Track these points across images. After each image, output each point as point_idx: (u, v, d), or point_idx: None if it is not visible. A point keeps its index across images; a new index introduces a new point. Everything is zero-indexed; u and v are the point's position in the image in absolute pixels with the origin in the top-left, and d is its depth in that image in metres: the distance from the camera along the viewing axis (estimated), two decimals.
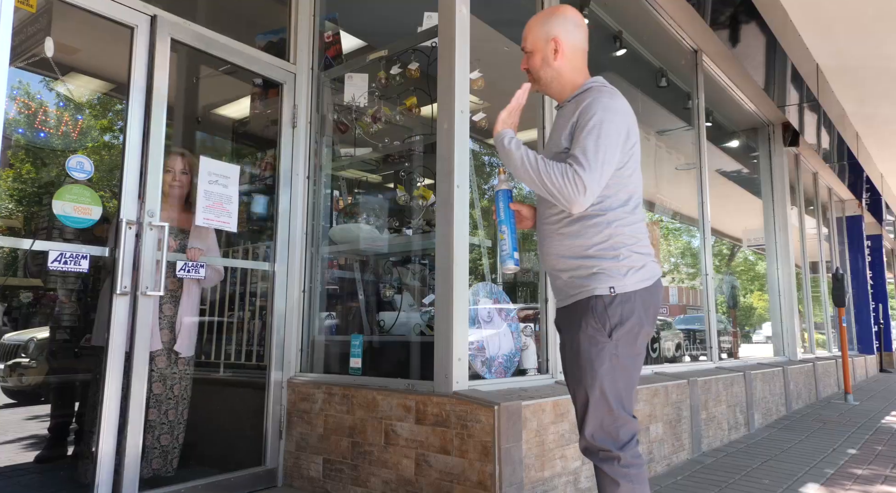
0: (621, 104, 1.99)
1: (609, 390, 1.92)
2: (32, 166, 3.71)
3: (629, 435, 1.95)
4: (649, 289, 2.01)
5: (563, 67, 2.08)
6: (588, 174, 1.84)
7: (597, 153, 1.86)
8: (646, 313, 1.98)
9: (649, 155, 6.51)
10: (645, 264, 2.01)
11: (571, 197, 1.86)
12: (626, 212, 1.99)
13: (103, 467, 2.64)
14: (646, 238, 2.07)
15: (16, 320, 6.43)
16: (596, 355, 1.93)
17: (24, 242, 2.75)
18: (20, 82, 3.12)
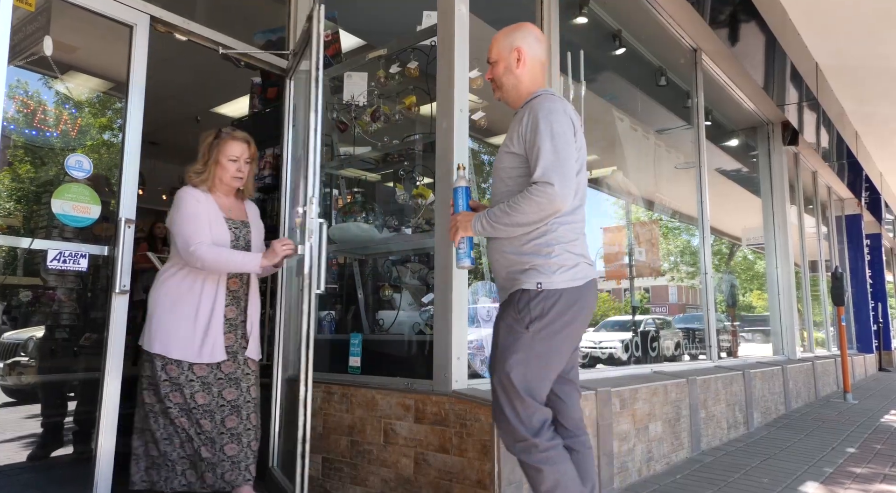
0: (563, 106, 2.09)
1: (517, 378, 2.00)
2: (31, 165, 3.71)
3: (541, 421, 2.02)
4: (579, 289, 2.05)
5: (523, 75, 2.23)
6: (557, 181, 1.92)
7: (555, 152, 1.96)
8: (570, 312, 2.03)
9: (648, 154, 6.52)
10: (577, 264, 2.07)
11: (549, 207, 1.95)
12: (564, 212, 2.03)
13: (102, 466, 2.64)
14: (582, 239, 2.14)
15: (15, 318, 6.42)
16: (511, 343, 2.02)
17: (23, 240, 2.75)
18: (18, 81, 3.12)
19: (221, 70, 4.70)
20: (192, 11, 3.30)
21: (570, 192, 1.95)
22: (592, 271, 2.14)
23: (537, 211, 1.96)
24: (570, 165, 1.97)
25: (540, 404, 2.04)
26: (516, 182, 2.11)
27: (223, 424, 2.64)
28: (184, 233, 2.57)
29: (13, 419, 5.90)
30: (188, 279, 2.63)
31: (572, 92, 4.53)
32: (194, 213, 2.61)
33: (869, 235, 13.03)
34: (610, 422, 3.38)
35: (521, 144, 2.08)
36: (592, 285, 2.13)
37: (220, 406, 2.65)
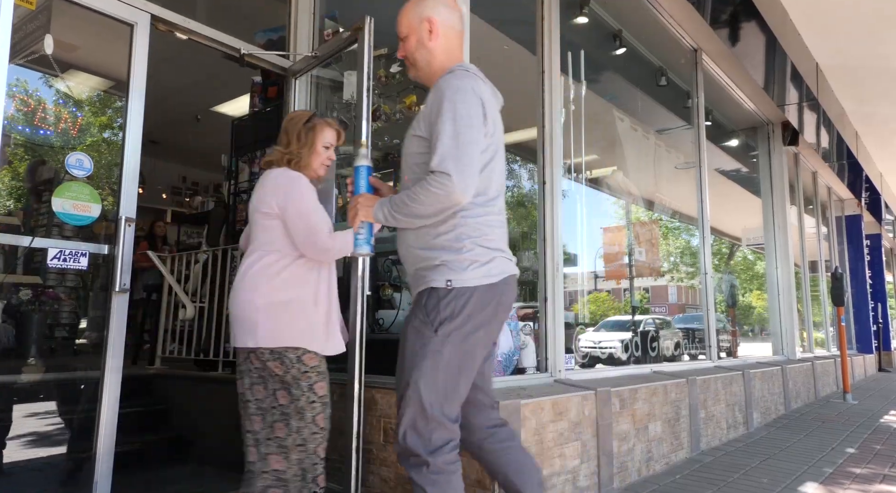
0: (474, 84, 1.86)
1: (425, 389, 1.78)
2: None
3: (443, 440, 1.81)
4: (494, 286, 1.86)
5: (436, 48, 2.00)
6: (454, 169, 1.73)
7: (455, 137, 1.77)
8: (484, 311, 1.84)
9: (649, 154, 6.52)
10: (492, 259, 1.87)
11: (446, 200, 1.76)
12: (475, 203, 1.86)
13: (102, 466, 2.64)
14: (499, 232, 1.92)
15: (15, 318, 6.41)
16: (419, 349, 1.81)
17: (23, 239, 2.75)
18: (18, 80, 3.12)
19: (222, 69, 4.70)
20: (192, 10, 3.30)
21: (469, 183, 1.75)
22: (511, 266, 1.95)
23: (434, 203, 1.77)
24: (471, 152, 1.77)
25: (447, 420, 1.81)
26: (423, 170, 1.86)
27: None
28: (312, 223, 2.33)
29: (13, 418, 5.89)
30: (303, 269, 2.37)
31: (573, 92, 4.54)
32: (316, 199, 2.42)
33: (869, 235, 13.03)
34: (609, 422, 3.38)
35: (427, 127, 1.87)
36: (510, 281, 1.93)
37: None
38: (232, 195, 4.87)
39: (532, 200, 4.04)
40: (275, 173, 2.40)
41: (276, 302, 2.27)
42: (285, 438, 2.27)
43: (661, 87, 6.08)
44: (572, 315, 4.97)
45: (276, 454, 2.27)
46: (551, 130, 3.72)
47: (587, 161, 4.84)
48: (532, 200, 4.02)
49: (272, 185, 2.37)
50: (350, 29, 3.11)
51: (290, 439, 2.27)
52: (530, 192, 4.56)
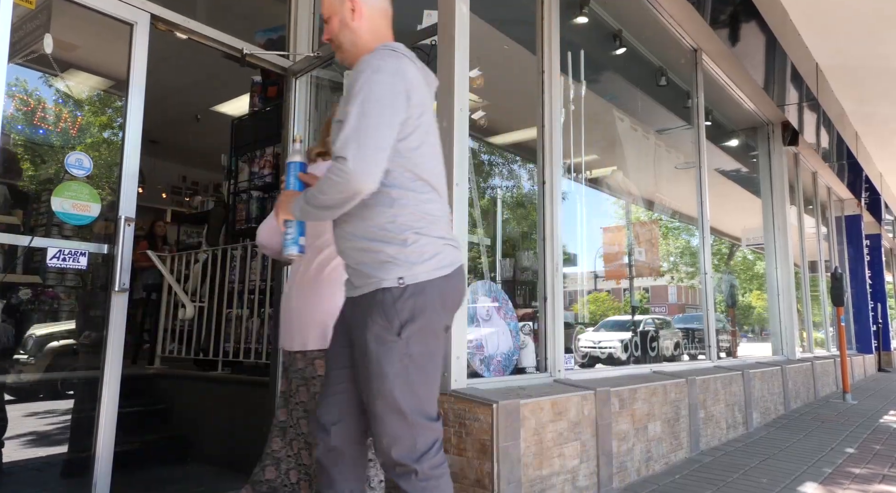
0: (395, 65, 1.73)
1: (402, 397, 1.69)
2: (31, 164, 3.71)
3: (428, 444, 1.72)
4: (447, 278, 1.76)
5: (360, 28, 1.89)
6: (352, 154, 1.61)
7: (361, 118, 1.64)
8: (443, 305, 1.76)
9: (648, 154, 6.52)
10: (440, 251, 1.76)
11: (346, 188, 1.62)
12: (412, 191, 1.75)
13: (101, 466, 2.64)
14: (442, 221, 1.81)
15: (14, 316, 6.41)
16: (384, 356, 1.68)
17: (22, 238, 2.75)
18: (18, 79, 3.12)
19: (221, 69, 4.71)
20: (192, 10, 3.30)
21: (370, 168, 1.62)
22: (460, 255, 1.85)
23: (335, 193, 1.64)
24: (375, 135, 1.63)
25: (428, 420, 1.73)
26: None
27: None
28: None
29: (13, 418, 5.89)
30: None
31: (573, 92, 4.54)
32: None
33: (868, 235, 13.03)
34: (609, 422, 3.38)
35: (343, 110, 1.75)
36: (461, 271, 1.84)
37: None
38: (232, 195, 4.87)
39: (532, 200, 4.04)
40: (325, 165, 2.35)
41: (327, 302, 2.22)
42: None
43: (661, 87, 6.08)
44: (572, 315, 4.97)
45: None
46: (551, 129, 3.72)
47: (587, 161, 4.84)
48: (532, 200, 4.02)
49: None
50: None
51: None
52: (530, 192, 4.56)
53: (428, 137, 1.80)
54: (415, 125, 1.74)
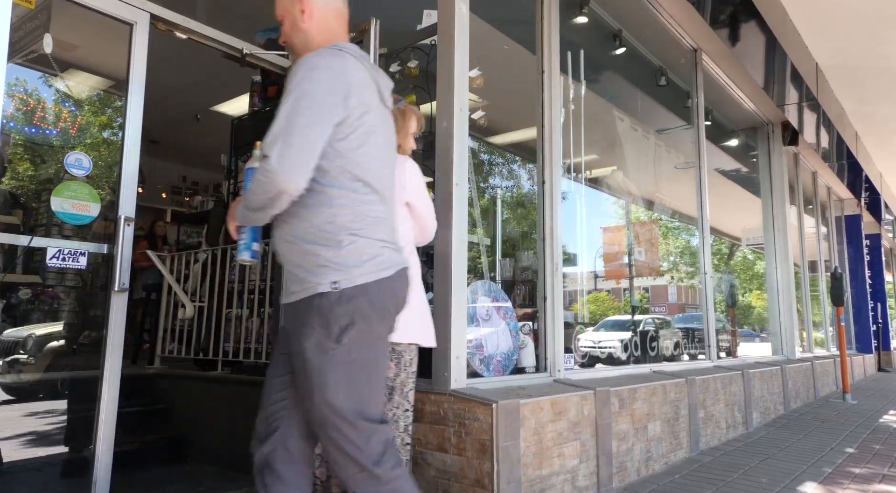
0: (334, 63, 1.67)
1: (346, 404, 1.62)
2: (31, 163, 3.71)
3: (381, 445, 1.67)
4: (387, 280, 1.70)
5: (311, 30, 1.84)
6: (276, 153, 1.56)
7: (290, 116, 1.60)
8: (384, 308, 1.70)
9: (648, 154, 6.52)
10: (379, 253, 1.70)
11: (270, 188, 1.58)
12: (352, 191, 1.68)
13: (101, 466, 2.64)
14: (383, 223, 1.74)
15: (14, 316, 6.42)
16: (325, 365, 1.62)
17: (22, 238, 2.75)
18: (18, 79, 3.12)
19: (221, 68, 4.71)
20: (192, 10, 3.30)
21: (294, 167, 1.56)
22: (401, 257, 1.79)
23: (261, 193, 1.60)
24: (302, 134, 1.58)
25: (376, 423, 1.68)
26: None
27: None
28: (432, 208, 2.34)
29: (12, 417, 5.90)
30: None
31: (572, 92, 4.54)
32: None
33: (868, 235, 13.03)
34: (609, 422, 3.38)
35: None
36: (403, 274, 1.77)
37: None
38: (232, 195, 4.87)
39: (532, 199, 4.04)
40: (401, 158, 2.35)
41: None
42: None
43: (661, 87, 6.08)
44: (572, 315, 4.97)
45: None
46: (551, 129, 3.72)
47: (587, 161, 4.84)
48: (532, 200, 4.02)
49: (407, 170, 2.33)
50: (356, 30, 3.12)
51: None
52: (530, 192, 4.56)
53: (371, 138, 1.73)
54: (355, 125, 1.68)
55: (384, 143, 1.80)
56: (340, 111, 1.65)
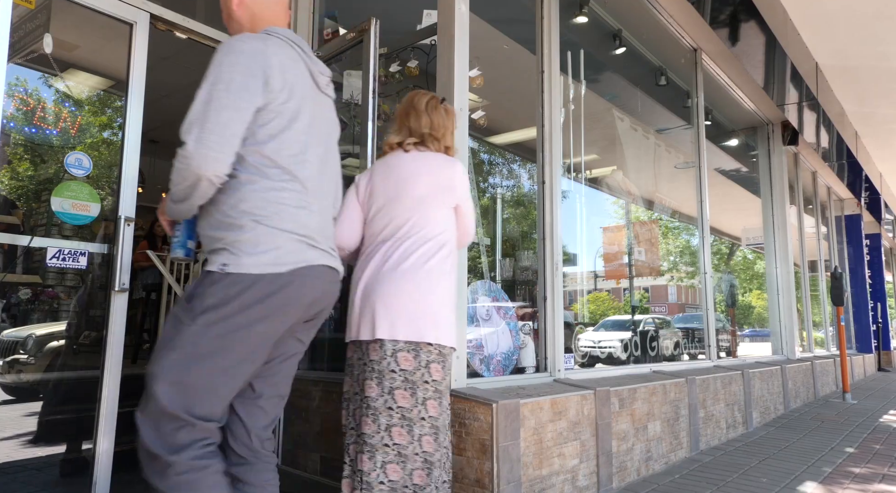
0: (254, 47, 1.62)
1: (172, 384, 1.52)
2: (30, 163, 3.72)
3: (189, 439, 1.53)
4: (280, 277, 1.57)
5: (243, 17, 1.80)
6: (193, 138, 1.53)
7: (208, 102, 1.57)
8: (263, 306, 1.55)
9: (648, 154, 6.52)
10: (281, 245, 1.59)
11: (188, 174, 1.53)
12: (266, 177, 1.61)
13: (101, 466, 2.64)
14: (298, 213, 1.64)
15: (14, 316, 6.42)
16: (171, 338, 1.55)
17: (22, 238, 2.75)
18: (18, 79, 3.12)
19: None
20: (192, 9, 3.30)
21: (210, 152, 1.51)
22: (315, 255, 1.64)
23: (181, 180, 1.55)
24: (222, 119, 1.53)
25: (198, 420, 1.53)
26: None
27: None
28: (474, 213, 2.34)
29: (12, 417, 5.90)
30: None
31: (572, 92, 4.54)
32: None
33: (868, 235, 13.03)
34: (609, 421, 3.38)
35: None
36: (310, 273, 1.63)
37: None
38: None
39: (532, 199, 4.04)
40: (452, 160, 2.32)
41: (453, 299, 2.22)
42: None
43: (661, 86, 6.08)
44: (572, 315, 4.97)
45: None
46: (551, 129, 3.72)
47: (587, 161, 4.84)
48: (532, 200, 4.02)
49: (458, 173, 2.30)
50: (355, 30, 3.12)
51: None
52: (530, 191, 4.56)
53: (295, 124, 1.65)
54: (277, 111, 1.62)
55: (313, 129, 1.72)
56: (260, 96, 1.60)
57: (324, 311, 1.78)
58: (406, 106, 2.40)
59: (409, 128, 2.34)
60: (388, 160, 2.32)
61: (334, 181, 1.87)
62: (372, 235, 2.26)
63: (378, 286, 2.13)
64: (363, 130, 2.99)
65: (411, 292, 2.11)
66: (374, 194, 2.27)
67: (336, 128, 1.91)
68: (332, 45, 3.37)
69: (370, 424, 2.06)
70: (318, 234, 1.68)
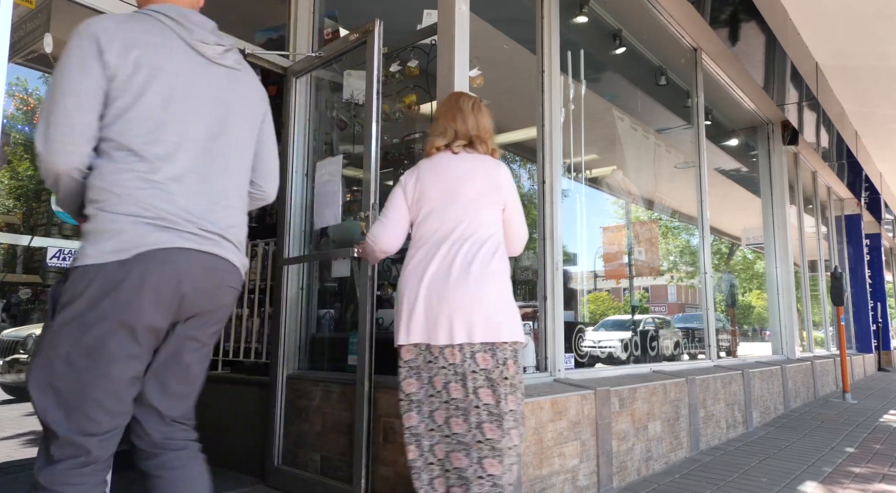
0: (88, 24, 1.50)
1: (38, 393, 1.43)
2: (30, 163, 3.72)
3: (61, 456, 1.41)
4: (126, 264, 1.42)
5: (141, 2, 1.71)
6: (40, 133, 1.44)
7: (47, 106, 1.46)
8: (114, 297, 1.41)
9: (648, 154, 6.52)
10: (122, 231, 1.44)
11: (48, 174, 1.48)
12: (111, 161, 1.48)
13: None
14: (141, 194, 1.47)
15: (14, 316, 6.42)
16: (42, 338, 1.46)
17: (22, 238, 2.75)
18: (18, 79, 3.12)
19: None
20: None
21: (57, 145, 1.43)
22: (171, 237, 1.47)
23: (45, 178, 1.50)
24: (59, 106, 1.43)
25: (71, 433, 1.41)
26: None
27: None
28: (524, 217, 2.39)
29: (13, 417, 5.90)
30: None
31: (572, 91, 4.54)
32: None
33: (868, 235, 13.03)
34: (609, 421, 3.38)
35: None
36: (166, 257, 1.46)
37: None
38: None
39: (532, 199, 4.04)
40: (499, 162, 2.35)
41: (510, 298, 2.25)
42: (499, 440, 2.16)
43: (661, 86, 6.08)
44: (572, 315, 4.97)
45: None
46: (551, 129, 3.72)
47: (587, 160, 4.84)
48: (532, 200, 4.02)
49: (505, 175, 2.33)
50: (358, 31, 3.12)
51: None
52: (530, 191, 4.56)
53: (143, 100, 1.50)
54: (121, 88, 1.48)
55: (180, 105, 1.55)
56: (99, 73, 1.47)
57: (220, 306, 1.62)
58: (451, 108, 2.40)
59: (456, 130, 2.35)
60: (436, 162, 2.33)
61: (238, 159, 1.68)
62: (423, 235, 2.27)
63: (449, 291, 2.15)
64: (366, 131, 2.99)
65: (483, 296, 2.15)
66: (426, 196, 2.28)
67: (248, 100, 1.73)
68: (335, 45, 3.37)
69: (461, 423, 2.12)
70: (180, 216, 1.50)
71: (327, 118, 3.91)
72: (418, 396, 2.20)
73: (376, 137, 2.94)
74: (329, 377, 3.31)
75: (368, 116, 2.97)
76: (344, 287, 3.89)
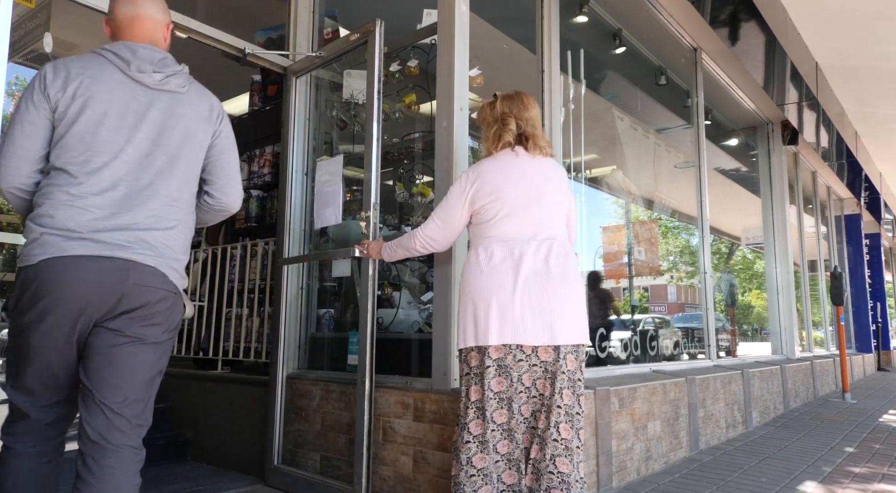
0: (53, 64, 1.77)
1: (9, 378, 1.78)
2: None
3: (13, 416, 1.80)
4: (32, 269, 1.65)
5: (108, 37, 1.92)
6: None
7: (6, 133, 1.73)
8: (28, 298, 1.66)
9: (648, 153, 6.52)
10: (35, 239, 1.67)
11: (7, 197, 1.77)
12: (48, 181, 1.73)
13: None
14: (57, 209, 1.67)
15: None
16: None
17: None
18: (18, 78, 3.12)
19: (221, 68, 4.69)
20: (192, 9, 3.30)
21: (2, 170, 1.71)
22: (75, 245, 1.65)
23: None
24: (11, 132, 1.70)
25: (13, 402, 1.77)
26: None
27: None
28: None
29: None
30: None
31: (572, 91, 4.53)
32: None
33: (868, 234, 13.03)
34: (609, 421, 3.38)
35: None
36: (67, 264, 1.64)
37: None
38: None
39: None
40: (558, 163, 2.42)
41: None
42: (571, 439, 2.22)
43: (661, 86, 6.08)
44: None
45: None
46: (551, 129, 3.72)
47: (587, 160, 4.84)
48: None
49: (565, 176, 2.42)
50: (359, 31, 3.12)
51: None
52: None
53: (76, 126, 1.72)
54: (60, 118, 1.72)
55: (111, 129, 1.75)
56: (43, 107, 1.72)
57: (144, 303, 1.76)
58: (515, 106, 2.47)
59: (512, 130, 2.39)
60: (501, 161, 2.34)
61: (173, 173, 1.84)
62: (500, 235, 2.27)
63: (549, 293, 2.19)
64: (367, 131, 2.99)
65: (575, 300, 2.24)
66: (503, 197, 2.28)
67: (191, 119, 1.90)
68: (336, 45, 3.37)
69: (543, 419, 2.20)
70: (88, 227, 1.67)
71: (327, 118, 3.91)
72: (507, 393, 2.21)
73: (377, 136, 2.94)
74: (329, 377, 3.31)
75: (369, 116, 2.97)
76: (344, 287, 3.89)
